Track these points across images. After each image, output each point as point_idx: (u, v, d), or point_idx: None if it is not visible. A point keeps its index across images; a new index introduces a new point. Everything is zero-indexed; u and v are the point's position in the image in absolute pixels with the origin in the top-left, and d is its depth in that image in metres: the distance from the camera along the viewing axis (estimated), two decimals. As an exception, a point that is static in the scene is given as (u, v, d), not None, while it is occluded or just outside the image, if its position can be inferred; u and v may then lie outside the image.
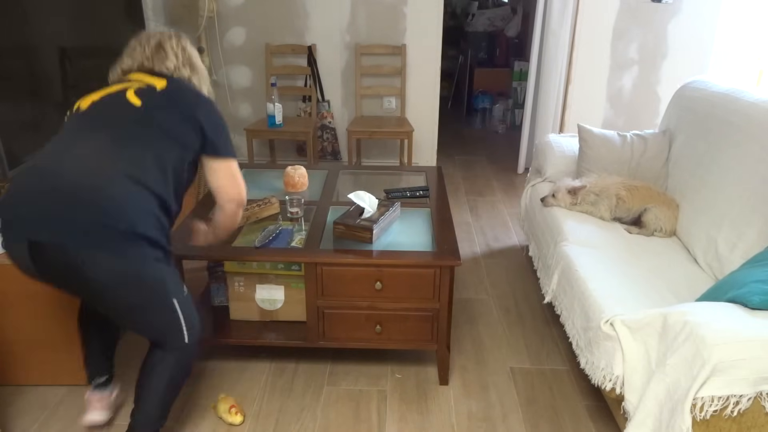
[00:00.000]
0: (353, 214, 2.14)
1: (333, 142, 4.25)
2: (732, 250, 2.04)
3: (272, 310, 2.20)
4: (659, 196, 2.45)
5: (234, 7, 4.00)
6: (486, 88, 5.94)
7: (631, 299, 1.88)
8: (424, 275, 2.01)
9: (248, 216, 2.17)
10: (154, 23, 3.85)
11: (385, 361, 2.29)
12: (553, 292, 2.28)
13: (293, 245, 2.06)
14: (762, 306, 1.53)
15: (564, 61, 3.98)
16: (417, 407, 2.07)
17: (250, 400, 2.09)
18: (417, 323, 2.09)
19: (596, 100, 4.19)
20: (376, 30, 4.04)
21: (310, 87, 4.11)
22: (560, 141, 2.97)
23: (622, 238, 2.35)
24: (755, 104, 2.18)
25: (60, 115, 2.40)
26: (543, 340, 2.45)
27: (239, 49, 4.11)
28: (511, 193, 4.07)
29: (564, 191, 2.56)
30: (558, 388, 2.17)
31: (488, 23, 6.15)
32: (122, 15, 3.55)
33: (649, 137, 2.69)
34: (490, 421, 2.01)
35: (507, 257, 3.15)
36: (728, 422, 1.48)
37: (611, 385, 1.74)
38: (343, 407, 2.06)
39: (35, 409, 2.04)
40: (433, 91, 4.20)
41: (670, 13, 3.93)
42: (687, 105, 2.62)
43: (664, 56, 4.04)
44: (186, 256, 2.03)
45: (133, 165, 1.55)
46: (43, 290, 1.98)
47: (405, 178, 2.75)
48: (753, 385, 1.44)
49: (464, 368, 2.27)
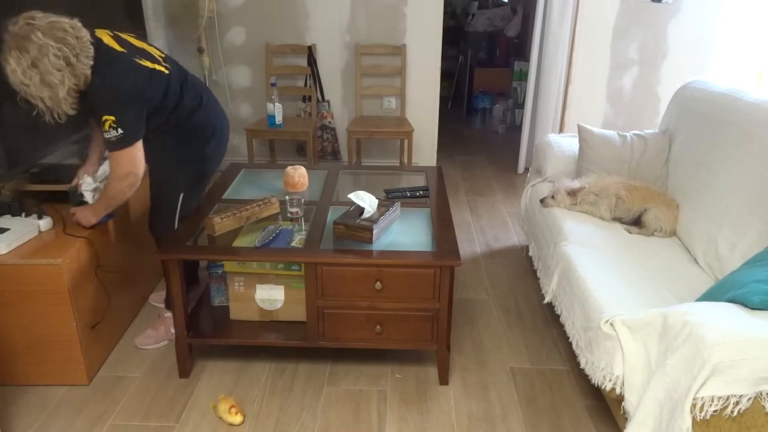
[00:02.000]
0: (353, 214, 2.14)
1: (333, 142, 4.25)
2: (732, 250, 2.04)
3: (272, 310, 2.20)
4: (659, 196, 2.45)
5: (234, 7, 4.00)
6: (486, 88, 5.94)
7: (631, 299, 1.88)
8: (424, 275, 2.01)
9: (248, 216, 2.17)
10: (154, 23, 3.85)
11: (385, 361, 2.29)
12: (553, 292, 2.28)
13: (293, 245, 2.06)
14: (762, 306, 1.53)
15: (564, 61, 3.98)
16: (417, 407, 2.07)
17: (250, 400, 2.09)
18: (417, 323, 2.09)
19: (596, 100, 4.19)
20: (376, 30, 4.04)
21: (310, 87, 4.11)
22: (560, 141, 2.97)
23: (622, 238, 2.35)
24: (755, 104, 2.18)
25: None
26: (543, 340, 2.45)
27: (239, 49, 4.11)
28: (511, 193, 4.07)
29: (563, 192, 2.56)
30: (558, 388, 2.17)
31: (488, 23, 6.15)
32: (122, 15, 3.55)
33: (649, 137, 2.69)
34: (490, 421, 2.01)
35: (507, 257, 3.15)
36: (728, 422, 1.48)
37: (611, 385, 1.74)
38: (343, 407, 2.06)
39: (35, 409, 2.04)
40: (433, 91, 4.20)
41: (670, 13, 3.93)
42: (687, 105, 2.62)
43: (664, 56, 4.04)
44: (186, 256, 2.03)
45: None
46: (43, 290, 1.98)
47: (405, 178, 2.75)
48: (753, 385, 1.44)
49: (464, 368, 2.27)
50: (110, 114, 1.89)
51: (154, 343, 2.35)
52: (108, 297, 2.28)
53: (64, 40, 1.80)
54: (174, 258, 2.01)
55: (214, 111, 2.27)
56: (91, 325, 2.16)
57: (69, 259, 1.99)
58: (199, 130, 2.21)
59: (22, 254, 1.98)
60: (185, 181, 2.26)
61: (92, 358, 2.17)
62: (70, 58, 1.81)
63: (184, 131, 2.18)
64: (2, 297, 1.99)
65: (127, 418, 2.00)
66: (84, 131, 2.55)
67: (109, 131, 1.90)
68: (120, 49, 1.96)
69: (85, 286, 2.10)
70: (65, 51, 1.80)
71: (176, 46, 4.09)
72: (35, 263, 1.95)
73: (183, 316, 2.09)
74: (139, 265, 2.56)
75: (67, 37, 1.81)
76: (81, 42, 1.84)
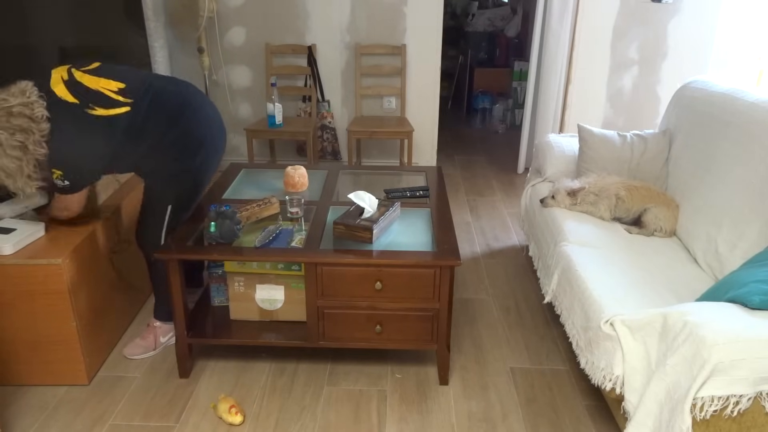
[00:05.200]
0: (353, 214, 2.14)
1: (333, 142, 4.25)
2: (732, 250, 2.04)
3: (272, 310, 2.20)
4: (659, 196, 2.45)
5: (234, 7, 4.00)
6: (486, 88, 5.94)
7: (631, 299, 1.88)
8: (424, 275, 2.01)
9: (248, 216, 2.17)
10: (154, 23, 3.85)
11: (385, 361, 2.29)
12: (553, 292, 2.28)
13: (293, 245, 2.06)
14: (762, 306, 1.53)
15: (564, 61, 3.98)
16: (417, 407, 2.07)
17: (250, 400, 2.09)
18: (417, 323, 2.09)
19: (596, 100, 4.18)
20: (376, 30, 4.04)
21: (310, 87, 4.11)
22: (560, 141, 2.97)
23: (622, 238, 2.35)
24: (755, 104, 2.18)
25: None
26: (543, 340, 2.45)
27: (239, 49, 4.11)
28: (511, 193, 4.07)
29: (563, 193, 2.56)
30: (558, 388, 2.17)
31: (488, 23, 6.15)
32: (122, 15, 3.56)
33: (649, 137, 2.69)
34: (490, 421, 2.01)
35: (507, 257, 3.15)
36: (728, 422, 1.48)
37: (611, 385, 1.74)
38: (343, 407, 2.06)
39: (35, 409, 2.04)
40: (433, 91, 4.20)
41: (670, 13, 3.93)
42: (687, 105, 2.62)
43: (664, 56, 4.04)
44: (186, 256, 2.03)
45: None
46: (43, 290, 1.98)
47: (405, 178, 2.75)
48: (753, 385, 1.44)
49: (464, 368, 2.27)
50: (58, 169, 1.91)
51: (142, 353, 2.30)
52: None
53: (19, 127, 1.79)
54: (174, 258, 2.01)
55: (200, 122, 2.15)
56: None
57: (69, 259, 2.00)
58: (182, 146, 2.12)
59: (23, 254, 1.98)
60: (173, 195, 2.19)
61: (92, 358, 2.17)
62: (27, 144, 1.81)
63: (166, 149, 2.10)
64: (2, 297, 1.99)
65: (127, 418, 2.00)
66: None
67: (56, 180, 1.94)
68: (72, 100, 1.92)
69: (85, 286, 2.11)
70: (19, 137, 1.79)
71: (176, 46, 4.09)
72: (35, 263, 1.95)
73: (183, 316, 2.09)
74: (138, 265, 2.56)
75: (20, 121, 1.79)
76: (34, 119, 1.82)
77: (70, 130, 1.90)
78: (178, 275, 2.04)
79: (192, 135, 2.13)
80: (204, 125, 2.16)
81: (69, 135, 1.90)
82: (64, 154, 1.91)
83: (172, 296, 2.07)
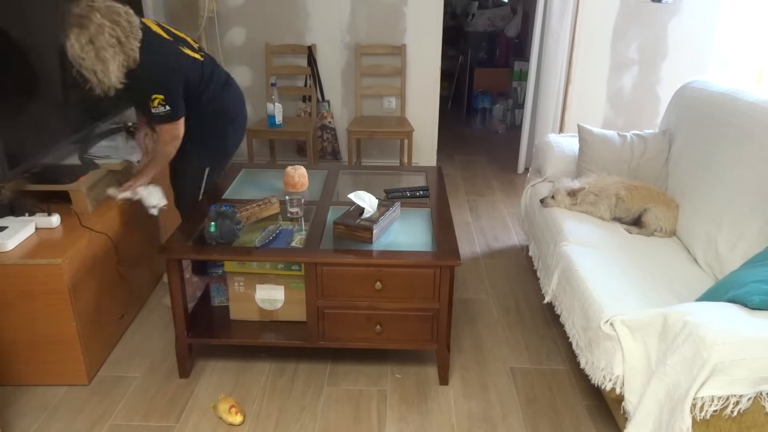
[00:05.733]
0: (353, 214, 2.14)
1: (333, 142, 4.25)
2: (732, 250, 2.04)
3: (272, 310, 2.20)
4: (659, 196, 2.45)
5: (234, 7, 4.00)
6: (486, 88, 5.94)
7: (631, 299, 1.88)
8: (424, 275, 2.01)
9: (248, 216, 2.17)
10: (154, 23, 3.85)
11: (385, 361, 2.30)
12: (553, 292, 2.28)
13: (293, 245, 2.06)
14: (762, 306, 1.53)
15: (564, 61, 3.98)
16: (417, 407, 2.07)
17: (250, 400, 2.09)
18: (417, 323, 2.09)
19: (596, 100, 4.19)
20: (376, 30, 4.04)
21: (310, 87, 4.11)
22: (560, 141, 2.97)
23: (622, 238, 2.35)
24: (755, 104, 2.18)
25: (59, 114, 2.40)
26: (543, 340, 2.45)
27: (239, 49, 4.11)
28: (511, 193, 4.07)
29: (563, 193, 2.56)
30: (558, 388, 2.17)
31: (488, 23, 6.15)
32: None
33: (649, 137, 2.69)
34: (490, 421, 2.01)
35: (507, 257, 3.15)
36: (728, 422, 1.48)
37: (611, 385, 1.74)
38: (343, 407, 2.06)
39: (35, 409, 2.04)
40: (433, 91, 4.20)
41: (670, 13, 3.93)
42: (687, 105, 2.62)
43: (664, 56, 4.04)
44: (186, 256, 2.03)
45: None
46: (43, 290, 1.99)
47: (405, 178, 2.75)
48: (753, 385, 1.44)
49: (464, 368, 2.27)
50: (159, 93, 2.19)
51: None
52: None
53: (118, 23, 2.07)
54: (175, 258, 2.01)
55: (236, 99, 2.54)
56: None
57: (69, 259, 2.00)
58: (223, 113, 2.47)
59: (23, 254, 1.98)
60: (210, 158, 2.52)
61: (92, 358, 2.17)
62: (122, 38, 2.07)
63: (211, 112, 2.42)
64: (2, 296, 1.99)
65: (127, 418, 2.00)
66: (82, 132, 2.55)
67: (157, 108, 2.21)
68: (166, 36, 2.26)
69: (85, 286, 2.11)
70: (118, 32, 2.06)
71: (176, 46, 4.09)
72: (35, 263, 1.95)
73: (183, 316, 2.09)
74: (138, 265, 2.56)
75: (121, 20, 2.08)
76: (132, 26, 2.11)
77: (162, 55, 2.21)
78: (178, 275, 2.04)
79: (230, 106, 2.51)
80: (238, 102, 2.56)
81: (162, 58, 2.20)
82: (165, 77, 2.21)
83: (172, 296, 2.07)
